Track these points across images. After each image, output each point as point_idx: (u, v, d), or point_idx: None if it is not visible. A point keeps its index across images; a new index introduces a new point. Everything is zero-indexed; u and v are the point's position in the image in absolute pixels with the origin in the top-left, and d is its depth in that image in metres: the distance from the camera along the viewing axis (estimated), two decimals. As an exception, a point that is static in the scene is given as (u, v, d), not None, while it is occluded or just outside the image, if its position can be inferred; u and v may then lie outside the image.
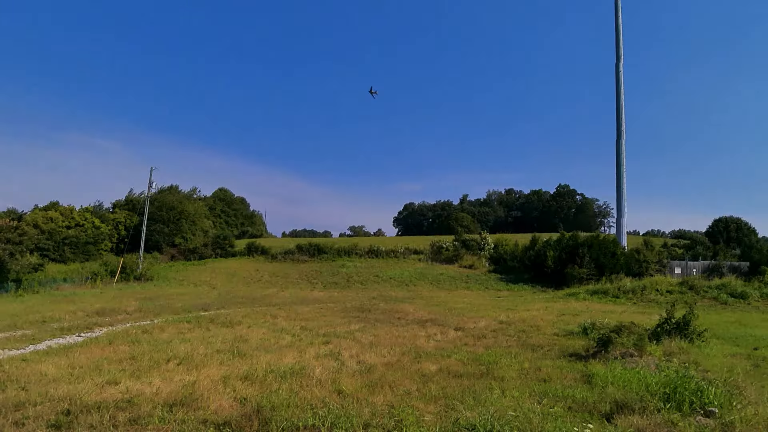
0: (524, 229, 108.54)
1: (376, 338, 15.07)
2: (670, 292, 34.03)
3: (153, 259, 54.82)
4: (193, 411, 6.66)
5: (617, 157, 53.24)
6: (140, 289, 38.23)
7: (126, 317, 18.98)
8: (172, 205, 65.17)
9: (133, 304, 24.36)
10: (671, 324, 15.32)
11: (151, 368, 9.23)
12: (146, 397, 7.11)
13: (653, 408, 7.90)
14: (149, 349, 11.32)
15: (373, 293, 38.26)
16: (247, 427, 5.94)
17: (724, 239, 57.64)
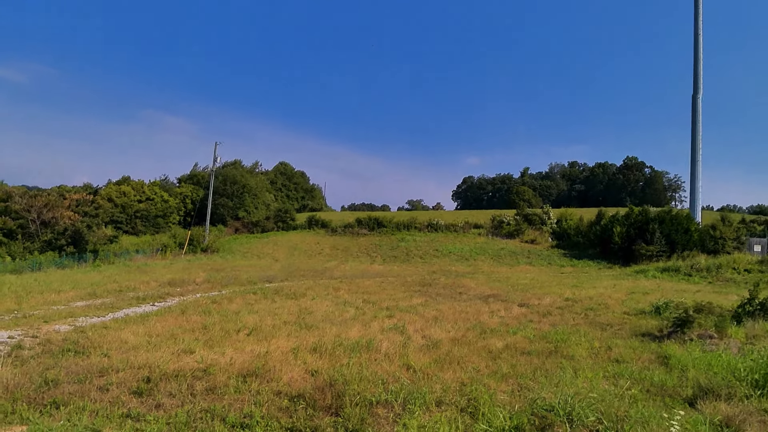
0: (588, 203, 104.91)
1: (439, 313, 14.96)
2: (748, 271, 32.07)
3: (218, 232, 56.86)
4: (267, 382, 6.78)
5: (693, 117, 49.79)
6: (207, 260, 39.75)
7: (195, 288, 19.75)
8: (235, 179, 67.06)
9: (201, 275, 25.32)
10: (754, 305, 14.36)
11: (222, 338, 9.54)
12: (221, 367, 7.29)
13: (741, 395, 7.38)
14: (219, 319, 11.71)
15: (433, 267, 38.15)
16: (321, 400, 5.99)
17: (812, 215, 53.47)
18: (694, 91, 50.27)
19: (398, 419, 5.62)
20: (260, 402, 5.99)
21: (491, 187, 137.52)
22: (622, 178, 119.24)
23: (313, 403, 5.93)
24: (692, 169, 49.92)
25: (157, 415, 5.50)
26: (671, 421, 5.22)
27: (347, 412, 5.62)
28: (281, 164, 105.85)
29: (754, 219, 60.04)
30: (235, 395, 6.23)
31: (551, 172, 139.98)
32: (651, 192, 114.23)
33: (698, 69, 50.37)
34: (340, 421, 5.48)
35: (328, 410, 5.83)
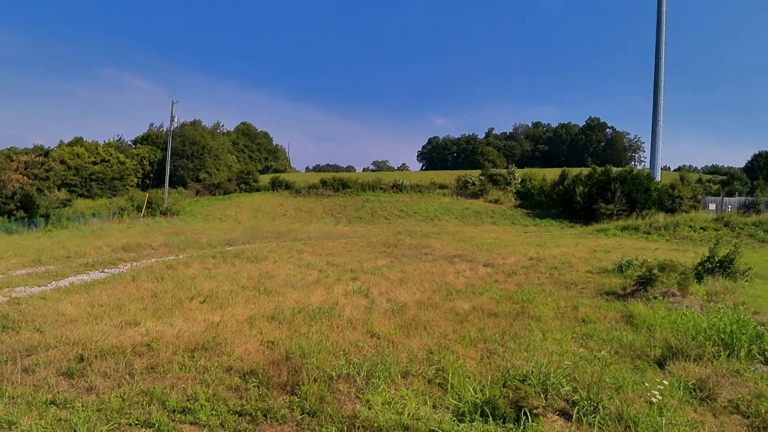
0: (552, 163, 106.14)
1: (404, 274, 14.64)
2: (704, 229, 32.96)
3: (178, 195, 55.06)
4: (217, 356, 6.20)
5: (655, 79, 50.20)
6: (166, 224, 38.47)
7: (151, 252, 18.84)
8: (195, 140, 64.78)
9: (159, 239, 24.33)
10: (713, 262, 14.53)
11: (173, 307, 8.84)
12: (167, 341, 6.67)
13: (710, 355, 7.28)
14: (173, 286, 10.95)
15: (398, 228, 37.92)
16: (276, 376, 5.46)
17: (764, 175, 55.18)
18: (657, 54, 50.47)
19: (361, 395, 5.20)
20: (207, 381, 5.43)
21: (456, 147, 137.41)
22: (585, 138, 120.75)
23: (266, 381, 5.41)
24: (653, 129, 50.59)
25: (86, 401, 4.85)
26: (652, 391, 4.95)
27: (304, 389, 5.14)
28: (243, 124, 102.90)
29: (709, 178, 61.82)
30: (180, 373, 5.63)
31: (515, 132, 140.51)
32: (612, 152, 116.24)
33: (661, 32, 50.44)
34: (296, 401, 4.99)
35: (283, 388, 5.34)
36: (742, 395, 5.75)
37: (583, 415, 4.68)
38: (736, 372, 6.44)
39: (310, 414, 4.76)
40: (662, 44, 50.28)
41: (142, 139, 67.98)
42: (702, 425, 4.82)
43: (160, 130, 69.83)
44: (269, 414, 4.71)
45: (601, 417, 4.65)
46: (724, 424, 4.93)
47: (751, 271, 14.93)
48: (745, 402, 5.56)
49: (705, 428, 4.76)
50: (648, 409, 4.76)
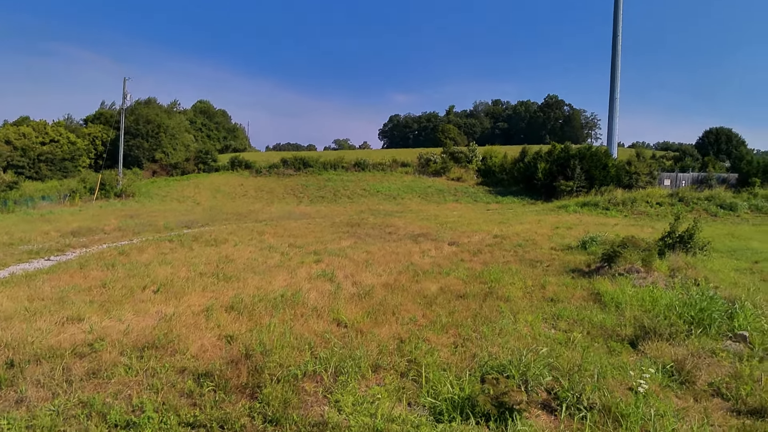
0: (511, 141, 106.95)
1: (369, 255, 14.27)
2: (660, 204, 33.78)
3: (133, 175, 52.76)
4: (169, 356, 5.58)
5: (612, 58, 50.90)
6: (121, 206, 36.79)
7: (103, 237, 17.81)
8: (149, 119, 62.11)
9: (112, 222, 23.15)
10: (674, 238, 14.71)
11: (123, 298, 8.12)
12: (113, 339, 5.99)
13: (681, 333, 7.20)
14: (124, 274, 10.14)
15: (361, 207, 37.46)
16: (234, 377, 4.90)
17: (714, 151, 56.98)
18: (614, 33, 51.00)
19: (329, 394, 4.76)
20: (157, 386, 4.82)
21: (417, 125, 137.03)
22: (543, 116, 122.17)
23: (224, 383, 4.85)
24: (610, 107, 51.39)
25: (14, 417, 4.17)
26: (638, 380, 4.73)
27: (267, 392, 4.60)
28: (201, 102, 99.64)
29: (663, 155, 63.38)
30: (126, 378, 5.01)
31: (476, 110, 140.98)
32: (569, 129, 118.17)
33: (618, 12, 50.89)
34: (258, 407, 4.46)
35: (243, 391, 4.80)
36: (721, 377, 5.64)
37: (567, 407, 4.42)
38: (712, 352, 6.34)
39: (272, 422, 4.26)
40: (620, 23, 50.85)
41: (93, 118, 64.69)
42: (686, 412, 4.64)
43: (112, 108, 66.59)
44: (226, 424, 4.17)
45: (586, 408, 4.39)
46: (707, 410, 4.76)
47: (710, 246, 15.20)
48: (725, 384, 5.45)
49: (690, 415, 4.57)
50: (634, 399, 4.53)
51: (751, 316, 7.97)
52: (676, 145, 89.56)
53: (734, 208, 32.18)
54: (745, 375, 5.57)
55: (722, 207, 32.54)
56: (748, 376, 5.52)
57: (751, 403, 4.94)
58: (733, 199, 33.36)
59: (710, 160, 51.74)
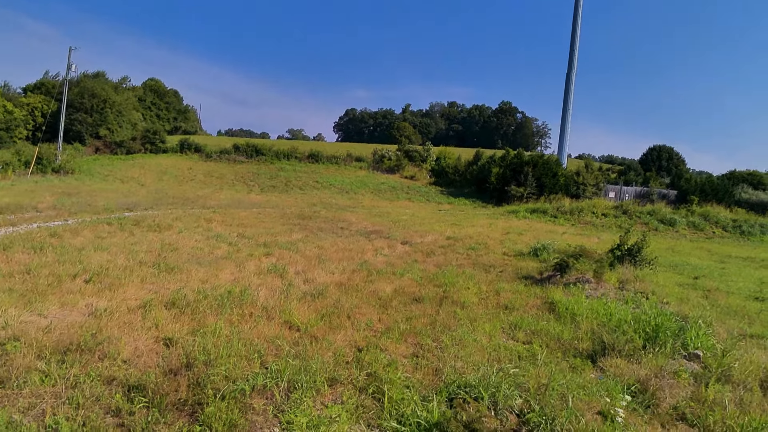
0: (465, 143, 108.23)
1: (321, 251, 13.76)
2: (605, 215, 34.75)
3: (74, 151, 49.70)
4: (97, 361, 4.83)
5: (568, 71, 52.11)
6: (59, 182, 34.49)
7: (35, 216, 16.41)
8: (95, 93, 58.71)
9: (47, 199, 21.55)
10: (623, 250, 14.94)
11: (49, 288, 7.18)
12: (31, 338, 5.13)
13: (639, 350, 7.10)
14: (53, 259, 9.12)
15: (313, 199, 36.72)
16: (172, 392, 4.22)
17: (656, 167, 59.15)
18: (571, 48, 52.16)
19: (281, 414, 4.22)
20: (77, 400, 4.05)
21: (373, 121, 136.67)
22: (497, 121, 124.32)
23: (159, 399, 4.16)
24: (563, 117, 52.56)
25: None
26: (615, 408, 4.47)
27: (209, 412, 3.95)
28: (152, 80, 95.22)
29: (609, 167, 65.46)
30: (42, 388, 4.22)
31: (431, 110, 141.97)
32: (521, 136, 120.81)
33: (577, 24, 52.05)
34: (197, 431, 3.84)
35: (181, 410, 4.14)
36: (684, 400, 5.50)
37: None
38: (675, 373, 6.22)
39: None
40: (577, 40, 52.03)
41: (34, 88, 60.50)
42: (657, 441, 4.42)
43: (56, 79, 62.60)
44: None
45: (559, 438, 4.09)
46: (677, 439, 4.56)
47: (657, 260, 15.52)
48: (689, 408, 5.30)
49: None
50: (608, 427, 4.26)
51: (703, 335, 7.98)
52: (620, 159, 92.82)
53: (673, 223, 33.48)
54: (709, 399, 5.44)
55: (663, 222, 33.79)
56: (712, 401, 5.40)
57: (717, 431, 4.80)
58: (672, 215, 34.70)
59: (652, 175, 53.76)
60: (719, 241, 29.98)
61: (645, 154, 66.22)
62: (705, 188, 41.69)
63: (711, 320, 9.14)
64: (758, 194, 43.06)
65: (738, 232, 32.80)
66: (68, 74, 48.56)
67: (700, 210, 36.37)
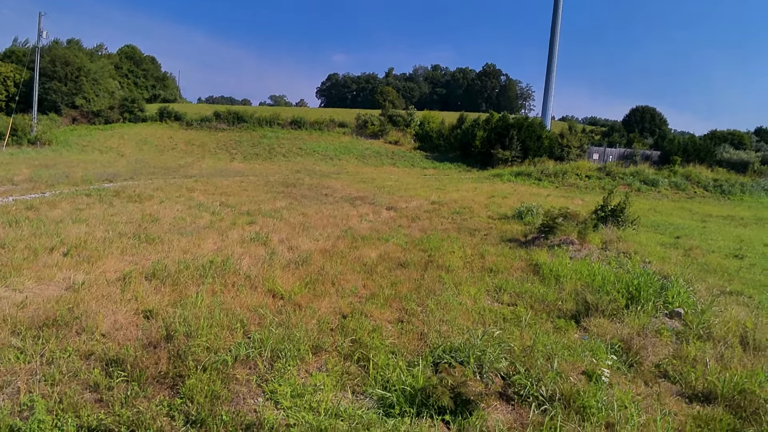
0: (449, 107, 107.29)
1: (305, 218, 13.65)
2: (589, 177, 34.89)
3: (50, 122, 48.27)
4: (75, 335, 4.72)
5: (552, 31, 51.35)
6: (35, 154, 33.59)
7: (11, 189, 15.98)
8: (68, 60, 56.75)
9: (23, 172, 20.99)
10: (606, 211, 15.04)
11: (25, 262, 6.98)
12: (4, 314, 4.99)
13: (621, 309, 7.18)
14: (30, 232, 8.91)
15: (296, 166, 36.34)
16: (152, 365, 4.13)
17: (639, 129, 59.27)
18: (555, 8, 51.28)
19: (264, 384, 4.17)
20: (54, 377, 3.96)
21: (356, 85, 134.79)
22: (480, 84, 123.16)
23: (139, 373, 4.08)
24: (547, 79, 52.12)
25: None
26: (601, 368, 4.49)
27: (191, 384, 3.90)
28: (128, 47, 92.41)
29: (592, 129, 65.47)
30: (17, 365, 4.09)
31: (415, 74, 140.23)
32: (504, 99, 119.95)
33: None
34: (178, 404, 3.75)
35: (161, 383, 4.03)
36: (666, 357, 5.58)
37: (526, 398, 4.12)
38: (658, 332, 6.29)
39: (196, 423, 3.57)
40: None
41: (4, 56, 58.34)
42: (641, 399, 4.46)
43: (26, 47, 60.39)
44: (139, 428, 3.43)
45: (546, 399, 4.10)
46: (660, 396, 4.61)
47: (638, 220, 15.67)
48: (671, 366, 5.38)
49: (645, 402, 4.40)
50: (592, 387, 4.28)
51: (684, 293, 8.08)
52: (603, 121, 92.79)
53: (656, 184, 33.76)
54: (690, 357, 5.52)
55: (645, 183, 34.05)
56: (693, 358, 5.47)
57: (698, 387, 4.87)
58: (655, 176, 34.95)
59: (635, 137, 53.95)
60: (700, 200, 30.38)
61: (628, 116, 66.25)
62: (687, 149, 41.97)
63: (692, 278, 9.31)
64: (739, 153, 43.52)
65: (719, 191, 33.23)
66: (39, 41, 46.88)
67: (683, 170, 36.67)
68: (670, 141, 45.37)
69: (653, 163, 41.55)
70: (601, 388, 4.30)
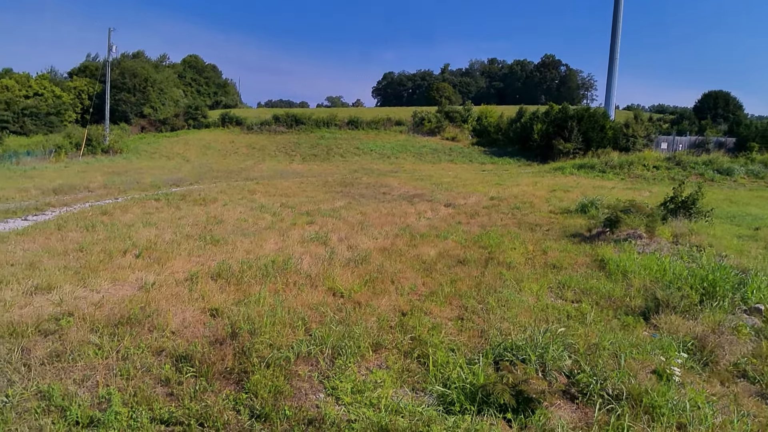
0: (506, 100, 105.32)
1: (364, 216, 13.77)
2: (657, 168, 33.34)
3: (121, 131, 51.22)
4: (147, 333, 4.99)
5: (614, 14, 49.44)
6: (108, 162, 35.77)
7: (87, 196, 17.07)
8: (136, 72, 59.95)
9: (98, 179, 22.34)
10: (677, 203, 14.31)
11: (101, 264, 7.45)
12: (83, 313, 5.30)
13: (694, 305, 6.81)
14: (105, 236, 9.54)
15: (354, 166, 36.75)
16: (219, 361, 4.31)
17: (712, 115, 56.12)
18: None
19: (326, 380, 4.27)
20: (128, 371, 4.19)
21: (411, 83, 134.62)
22: (539, 75, 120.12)
23: (206, 369, 4.26)
24: (610, 67, 50.22)
25: None
26: (670, 367, 4.30)
27: (255, 380, 4.06)
28: (191, 57, 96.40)
29: (660, 117, 62.64)
30: (95, 361, 4.33)
31: (471, 68, 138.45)
32: (565, 90, 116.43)
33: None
34: (244, 398, 3.90)
35: (227, 378, 4.23)
36: (745, 356, 5.26)
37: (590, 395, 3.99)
38: (735, 329, 5.93)
39: (261, 417, 3.70)
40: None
41: (78, 71, 62.30)
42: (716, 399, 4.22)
43: (97, 61, 64.22)
44: (207, 421, 3.57)
45: (612, 398, 3.96)
46: (737, 396, 4.35)
47: (713, 212, 14.83)
48: (750, 365, 5.06)
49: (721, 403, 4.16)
50: (663, 387, 4.09)
51: (765, 288, 7.58)
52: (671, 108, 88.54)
53: (731, 173, 31.80)
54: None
55: (719, 172, 32.14)
56: (775, 357, 5.12)
57: (782, 388, 4.55)
58: (730, 164, 32.94)
59: (707, 123, 51.10)
60: (781, 189, 28.39)
61: (699, 102, 62.92)
62: (766, 134, 39.26)
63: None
64: (825, 137, 40.31)
65: (803, 178, 30.92)
66: (110, 55, 49.56)
67: (761, 158, 34.35)
68: (747, 126, 42.59)
69: (728, 151, 39.18)
70: (672, 387, 4.10)
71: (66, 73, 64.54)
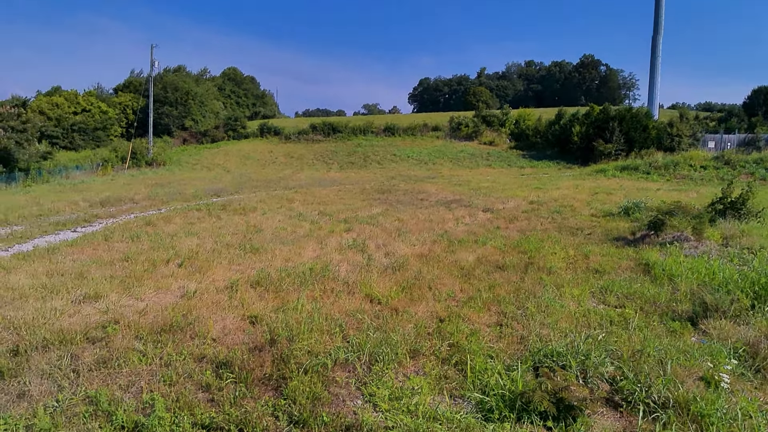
0: (545, 103, 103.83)
1: (401, 223, 13.78)
2: (704, 168, 32.19)
3: (164, 144, 53.05)
4: (189, 340, 5.10)
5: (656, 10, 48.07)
6: (152, 174, 37.01)
7: (132, 207, 17.69)
8: (177, 86, 61.99)
9: (142, 191, 23.12)
10: (725, 203, 13.75)
11: (145, 273, 7.73)
12: (129, 320, 5.51)
13: (746, 310, 6.51)
14: (149, 246, 9.88)
15: (391, 173, 36.84)
16: (258, 368, 4.41)
17: (763, 111, 53.82)
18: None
19: (363, 387, 4.29)
20: (171, 377, 4.33)
21: (448, 88, 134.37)
22: (578, 76, 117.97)
23: (246, 375, 4.36)
24: (652, 65, 48.89)
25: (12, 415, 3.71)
26: (719, 373, 4.13)
27: (293, 386, 4.12)
28: (230, 69, 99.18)
29: (707, 116, 60.49)
30: (139, 367, 4.51)
31: (508, 72, 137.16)
32: (606, 90, 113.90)
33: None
34: (282, 405, 3.96)
35: (266, 384, 4.30)
36: (802, 364, 4.99)
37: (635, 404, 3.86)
38: (790, 335, 5.64)
39: (299, 423, 3.76)
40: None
41: (123, 87, 65.00)
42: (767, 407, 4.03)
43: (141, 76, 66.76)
44: (246, 426, 3.66)
45: (658, 405, 3.82)
46: (793, 406, 4.13)
47: (764, 212, 14.19)
48: (808, 374, 4.80)
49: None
50: (712, 394, 3.93)
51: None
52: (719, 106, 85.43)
53: (784, 170, 30.43)
54: (832, 363, 4.89)
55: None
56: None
57: (841, 399, 4.30)
58: (783, 161, 31.52)
59: (758, 120, 49.01)
60: (840, 186, 26.94)
61: (749, 98, 60.47)
62: (822, 130, 37.42)
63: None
64: None
65: None
66: (152, 71, 51.39)
67: (818, 154, 32.75)
68: (800, 122, 40.70)
69: (781, 149, 37.48)
70: (721, 395, 3.92)
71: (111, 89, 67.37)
